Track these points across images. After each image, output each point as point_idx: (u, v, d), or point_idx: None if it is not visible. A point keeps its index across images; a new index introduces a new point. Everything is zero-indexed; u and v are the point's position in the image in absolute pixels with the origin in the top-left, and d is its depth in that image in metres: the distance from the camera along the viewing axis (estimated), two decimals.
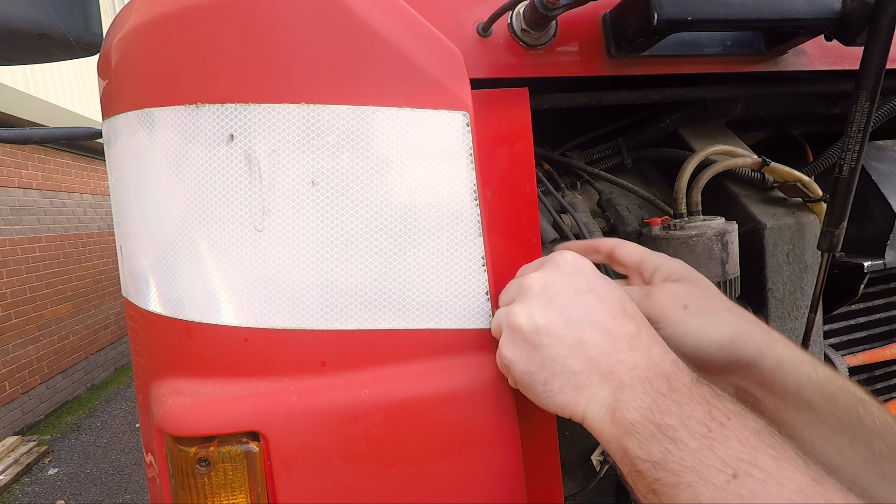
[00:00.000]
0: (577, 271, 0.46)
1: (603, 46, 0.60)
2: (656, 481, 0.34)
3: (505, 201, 0.55)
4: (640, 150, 0.87)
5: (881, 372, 0.95)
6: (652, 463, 0.34)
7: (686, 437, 0.34)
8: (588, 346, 0.41)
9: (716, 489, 0.31)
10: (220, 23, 0.47)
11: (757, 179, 0.79)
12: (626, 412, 0.37)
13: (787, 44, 0.64)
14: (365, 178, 0.48)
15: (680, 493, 0.32)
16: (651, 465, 0.34)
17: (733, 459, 0.31)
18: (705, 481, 0.31)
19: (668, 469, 0.33)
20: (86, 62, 5.17)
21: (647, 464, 0.35)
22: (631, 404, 0.37)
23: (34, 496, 3.31)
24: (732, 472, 0.31)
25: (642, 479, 0.35)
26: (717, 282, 0.66)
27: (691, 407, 0.35)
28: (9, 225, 4.17)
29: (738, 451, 0.32)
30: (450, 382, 0.49)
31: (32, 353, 4.35)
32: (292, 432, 0.45)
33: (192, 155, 0.48)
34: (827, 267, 0.69)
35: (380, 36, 0.48)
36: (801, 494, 0.29)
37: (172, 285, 0.49)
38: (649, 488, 0.35)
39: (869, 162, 0.85)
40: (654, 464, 0.34)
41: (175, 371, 0.50)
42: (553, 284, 0.44)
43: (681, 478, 0.33)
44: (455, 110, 0.49)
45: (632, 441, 0.36)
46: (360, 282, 0.48)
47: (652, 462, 0.34)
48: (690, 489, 0.32)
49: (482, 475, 0.49)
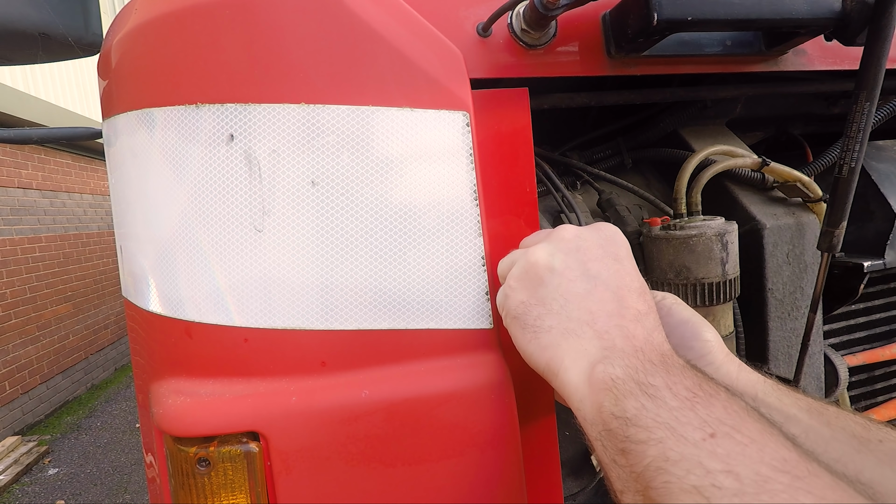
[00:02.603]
0: (613, 240, 0.45)
1: (603, 46, 0.60)
2: (626, 439, 0.31)
3: (505, 201, 0.55)
4: (640, 150, 0.87)
5: (881, 372, 0.95)
6: (624, 419, 0.32)
7: (668, 396, 0.31)
8: (594, 299, 0.41)
9: (687, 444, 0.28)
10: (220, 23, 0.47)
11: (757, 179, 0.79)
12: (610, 368, 0.35)
13: (787, 44, 0.64)
14: (365, 178, 0.48)
15: (648, 450, 0.29)
16: (623, 422, 0.32)
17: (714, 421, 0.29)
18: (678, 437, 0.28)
19: (640, 424, 0.31)
20: (86, 62, 5.17)
21: (618, 420, 0.32)
22: (617, 362, 0.35)
23: (34, 496, 3.31)
24: (710, 432, 0.28)
25: (612, 439, 0.33)
26: (717, 282, 0.66)
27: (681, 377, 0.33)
28: (9, 225, 4.17)
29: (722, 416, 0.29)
30: (450, 382, 0.49)
31: (32, 353, 4.35)
32: (292, 432, 0.45)
33: (192, 155, 0.48)
34: (827, 267, 0.69)
35: (380, 36, 0.48)
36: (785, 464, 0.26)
37: (172, 285, 0.49)
38: (618, 448, 0.32)
39: (869, 162, 0.85)
40: (626, 420, 0.32)
41: (175, 371, 0.50)
42: (586, 239, 0.44)
43: (651, 433, 0.30)
44: (455, 110, 0.49)
45: (608, 397, 0.34)
46: (360, 282, 0.48)
47: (624, 418, 0.32)
48: (660, 445, 0.29)
49: (482, 475, 0.49)
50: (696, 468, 0.27)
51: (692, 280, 0.66)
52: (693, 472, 0.27)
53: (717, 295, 0.66)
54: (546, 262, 0.43)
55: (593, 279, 0.42)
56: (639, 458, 0.30)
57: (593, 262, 0.43)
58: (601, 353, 0.37)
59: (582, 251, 0.43)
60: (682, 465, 0.27)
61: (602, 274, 0.42)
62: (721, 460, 0.26)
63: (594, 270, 0.42)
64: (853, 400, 0.92)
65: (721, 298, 0.67)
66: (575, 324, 0.40)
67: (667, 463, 0.28)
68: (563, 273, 0.42)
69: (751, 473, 0.25)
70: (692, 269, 0.66)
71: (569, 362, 0.39)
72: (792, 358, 0.77)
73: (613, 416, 0.33)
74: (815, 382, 0.80)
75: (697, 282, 0.66)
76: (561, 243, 0.44)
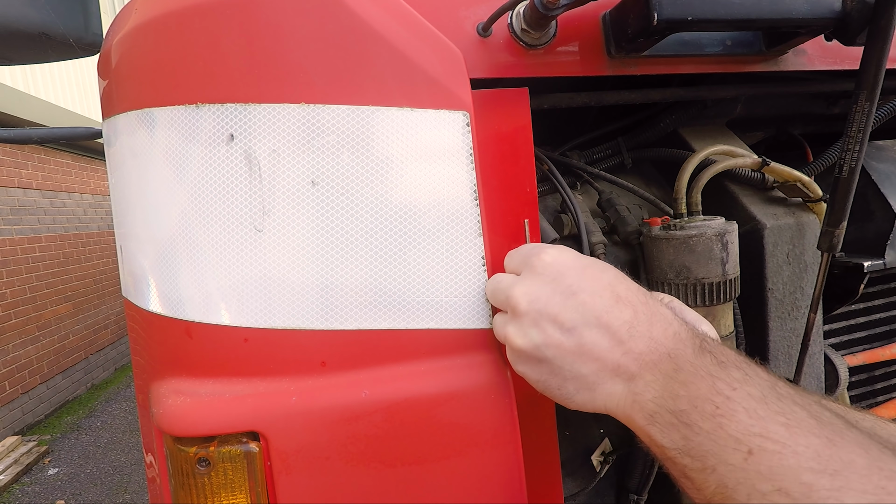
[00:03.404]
0: (559, 274, 0.44)
1: (603, 46, 0.60)
2: (685, 467, 0.35)
3: (505, 201, 0.55)
4: (640, 150, 0.87)
5: (881, 372, 0.95)
6: (677, 450, 0.35)
7: (698, 419, 0.34)
8: (589, 348, 0.41)
9: (736, 470, 0.31)
10: (220, 22, 0.47)
11: (757, 179, 0.79)
12: (644, 404, 0.38)
13: (787, 44, 0.64)
14: (365, 178, 0.48)
15: (708, 478, 0.33)
16: (678, 453, 0.35)
17: (745, 435, 0.31)
18: (725, 464, 0.32)
19: (692, 455, 0.34)
20: (86, 62, 5.17)
21: (673, 451, 0.35)
22: (646, 395, 0.38)
23: (34, 496, 3.31)
24: (747, 450, 0.31)
25: (674, 466, 0.36)
26: (717, 282, 0.66)
27: (697, 385, 0.35)
28: (9, 225, 4.17)
29: (748, 424, 0.32)
30: (450, 382, 0.49)
31: (32, 353, 4.35)
32: (292, 432, 0.45)
33: (193, 155, 0.48)
34: (827, 267, 0.69)
35: (380, 36, 0.48)
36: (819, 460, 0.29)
37: (172, 285, 0.49)
38: (682, 473, 0.35)
39: (869, 162, 0.85)
40: (679, 451, 0.35)
41: (175, 371, 0.50)
42: (538, 297, 0.44)
43: (705, 462, 0.33)
44: (455, 110, 0.49)
45: (655, 431, 0.37)
46: (360, 282, 0.48)
47: (677, 449, 0.35)
48: (715, 474, 0.32)
49: (482, 475, 0.49)
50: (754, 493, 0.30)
51: (692, 280, 0.66)
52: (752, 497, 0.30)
53: (717, 295, 0.66)
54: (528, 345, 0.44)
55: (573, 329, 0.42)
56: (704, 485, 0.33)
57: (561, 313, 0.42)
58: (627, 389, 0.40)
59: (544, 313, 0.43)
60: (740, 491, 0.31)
61: (576, 318, 0.42)
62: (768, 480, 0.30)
63: (569, 321, 0.42)
64: (853, 400, 0.92)
65: (721, 298, 0.67)
66: (592, 377, 0.42)
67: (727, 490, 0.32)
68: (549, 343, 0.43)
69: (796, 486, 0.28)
70: (692, 269, 0.66)
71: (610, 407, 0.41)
72: (792, 358, 0.77)
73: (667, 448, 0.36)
74: (815, 382, 0.80)
75: (697, 282, 0.66)
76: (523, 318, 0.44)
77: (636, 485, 0.74)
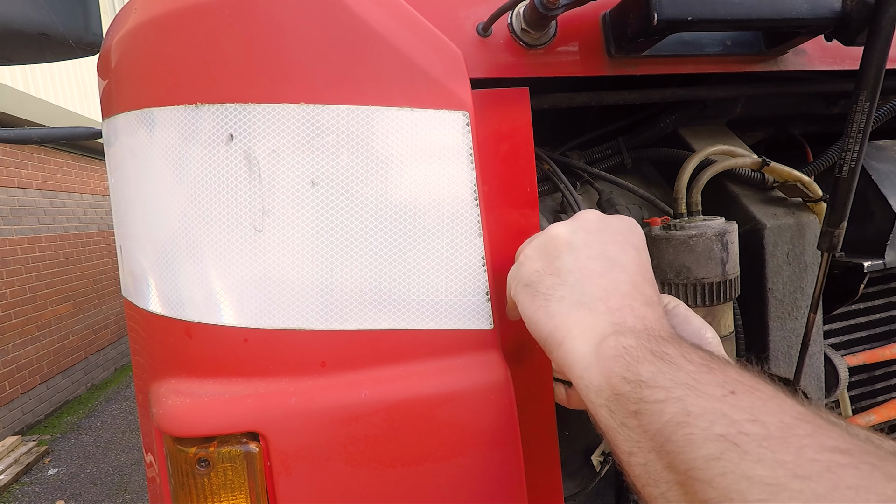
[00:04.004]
0: (633, 231, 0.46)
1: (603, 46, 0.60)
2: (640, 400, 0.31)
3: (505, 201, 0.55)
4: (640, 150, 0.87)
5: (881, 372, 0.95)
6: (638, 382, 0.32)
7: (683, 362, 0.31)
8: (609, 279, 0.41)
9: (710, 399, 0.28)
10: (219, 22, 0.47)
11: (757, 179, 0.79)
12: (622, 339, 0.35)
13: (787, 44, 0.64)
14: (365, 178, 0.48)
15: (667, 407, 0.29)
16: (636, 385, 0.32)
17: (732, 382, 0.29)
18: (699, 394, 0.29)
19: (657, 385, 0.31)
20: (86, 62, 5.17)
21: (631, 384, 0.32)
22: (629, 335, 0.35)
23: (34, 496, 3.31)
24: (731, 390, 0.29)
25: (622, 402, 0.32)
26: (717, 282, 0.66)
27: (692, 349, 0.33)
28: (9, 225, 4.17)
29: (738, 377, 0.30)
30: (450, 383, 0.49)
31: (32, 353, 4.35)
32: (292, 433, 0.45)
33: (192, 155, 0.48)
34: (827, 267, 0.69)
35: (380, 36, 0.48)
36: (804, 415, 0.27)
37: (172, 285, 0.49)
38: (629, 410, 0.32)
39: (869, 162, 0.85)
40: (640, 383, 0.32)
41: (175, 371, 0.50)
42: (608, 224, 0.45)
43: (670, 392, 0.30)
44: (455, 110, 0.49)
45: (618, 363, 0.33)
46: (360, 282, 0.48)
47: (638, 381, 0.32)
48: (680, 402, 0.29)
49: (483, 475, 0.49)
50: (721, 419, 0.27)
51: (692, 280, 0.66)
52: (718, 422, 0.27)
53: (717, 295, 0.66)
54: (567, 237, 0.44)
55: (611, 260, 0.42)
56: (655, 417, 0.30)
57: (613, 245, 0.44)
58: (612, 328, 0.37)
59: (603, 234, 0.44)
60: (705, 418, 0.28)
61: (620, 258, 0.43)
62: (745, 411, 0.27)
63: (612, 253, 0.43)
64: (853, 400, 0.92)
65: (721, 298, 0.67)
66: (588, 298, 0.40)
67: (689, 417, 0.28)
68: (582, 249, 0.43)
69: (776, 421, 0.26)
70: (692, 268, 0.66)
71: (577, 331, 0.38)
72: (792, 358, 0.77)
73: (625, 381, 0.32)
74: (815, 382, 0.80)
75: (697, 282, 0.66)
76: (584, 223, 0.45)
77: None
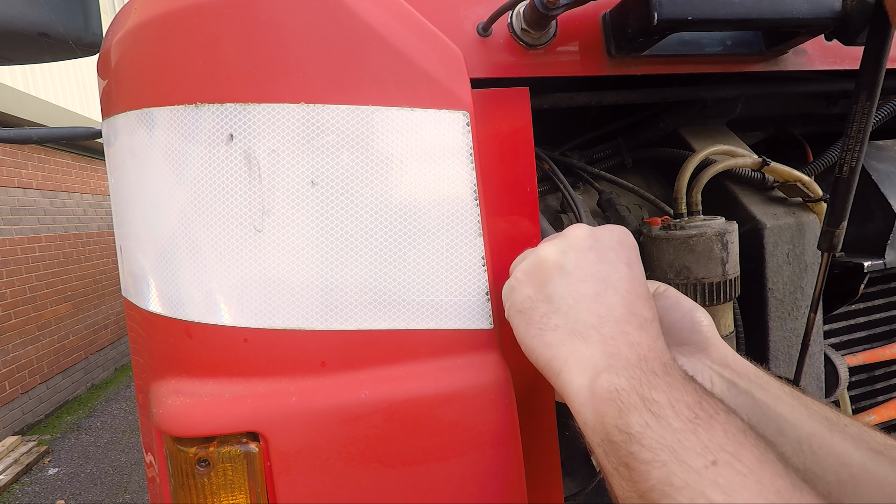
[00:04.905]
0: (624, 243, 0.45)
1: (603, 46, 0.60)
2: (630, 455, 0.32)
3: (505, 201, 0.55)
4: (641, 150, 0.87)
5: (881, 372, 0.95)
6: (629, 435, 0.33)
7: (671, 415, 0.32)
8: (602, 303, 0.40)
9: (690, 472, 0.29)
10: (219, 22, 0.47)
11: (757, 179, 0.79)
12: (614, 377, 0.35)
13: (788, 44, 0.64)
14: (365, 178, 0.48)
15: (652, 471, 0.30)
16: (627, 437, 0.33)
17: (716, 447, 0.30)
18: (681, 462, 0.30)
19: (644, 444, 0.31)
20: (86, 62, 5.17)
21: (623, 435, 0.33)
22: (621, 372, 0.36)
23: (34, 496, 3.31)
24: (713, 459, 0.29)
25: (615, 451, 0.33)
26: (718, 282, 0.66)
27: (682, 392, 0.34)
28: (9, 225, 4.17)
29: (723, 441, 0.30)
30: (450, 383, 0.49)
31: (32, 353, 4.35)
32: (292, 433, 0.45)
33: (192, 155, 0.48)
34: (827, 267, 0.69)
35: (380, 35, 0.47)
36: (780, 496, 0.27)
37: (172, 285, 0.49)
38: (621, 461, 0.33)
39: (869, 162, 0.85)
40: (630, 436, 0.32)
41: (175, 371, 0.50)
42: (598, 240, 0.44)
43: (655, 455, 0.31)
44: (455, 110, 0.49)
45: (611, 408, 0.34)
46: (360, 282, 0.48)
47: (629, 434, 0.33)
48: (664, 468, 0.30)
49: (482, 475, 0.49)
50: (699, 497, 0.28)
51: (692, 280, 0.66)
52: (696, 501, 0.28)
53: (718, 295, 0.66)
54: (556, 259, 0.43)
55: (603, 281, 0.42)
56: (643, 477, 0.31)
57: (604, 264, 0.43)
58: (606, 361, 0.37)
59: (593, 251, 0.43)
60: (685, 493, 0.29)
61: (611, 277, 0.42)
62: (723, 492, 0.28)
63: (604, 273, 0.42)
64: (853, 400, 0.92)
65: (721, 298, 0.67)
66: (582, 326, 0.40)
67: (671, 489, 0.29)
68: (573, 273, 0.42)
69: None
70: (692, 268, 0.66)
71: (573, 364, 0.39)
72: (792, 358, 0.77)
73: (617, 430, 0.33)
74: (815, 382, 0.80)
75: (697, 282, 0.66)
76: (573, 241, 0.44)
77: None
